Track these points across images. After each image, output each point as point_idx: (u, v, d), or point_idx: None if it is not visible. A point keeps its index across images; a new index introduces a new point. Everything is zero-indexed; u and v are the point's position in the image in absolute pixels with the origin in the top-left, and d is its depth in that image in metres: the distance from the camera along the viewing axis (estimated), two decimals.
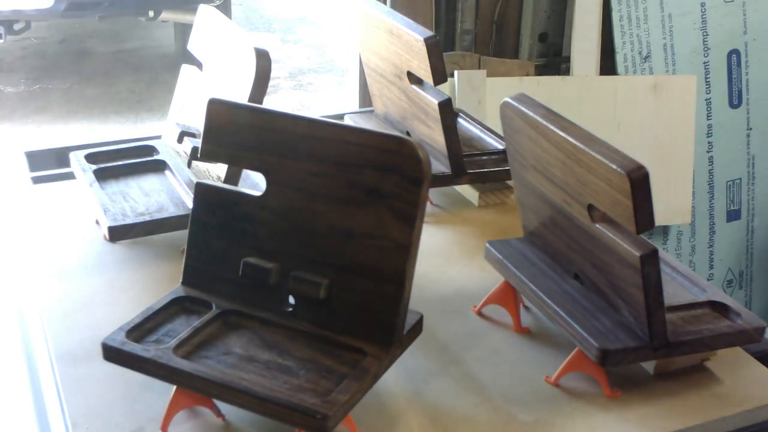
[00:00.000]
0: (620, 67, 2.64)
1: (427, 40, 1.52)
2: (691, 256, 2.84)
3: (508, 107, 1.23)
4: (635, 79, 2.63)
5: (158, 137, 1.68)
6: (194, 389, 1.03)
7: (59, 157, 1.78)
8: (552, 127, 1.15)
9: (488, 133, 1.78)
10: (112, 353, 1.06)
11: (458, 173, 1.60)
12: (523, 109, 1.20)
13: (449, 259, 1.49)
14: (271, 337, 1.11)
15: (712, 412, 1.14)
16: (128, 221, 1.41)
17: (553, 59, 2.79)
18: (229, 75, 1.42)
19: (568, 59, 2.71)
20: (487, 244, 1.33)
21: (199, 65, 1.58)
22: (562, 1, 2.72)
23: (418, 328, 1.12)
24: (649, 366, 1.20)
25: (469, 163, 1.62)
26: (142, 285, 1.37)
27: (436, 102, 1.57)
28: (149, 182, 1.56)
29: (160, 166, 1.60)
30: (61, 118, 4.81)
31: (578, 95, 2.56)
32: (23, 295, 1.39)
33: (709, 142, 2.79)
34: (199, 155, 1.17)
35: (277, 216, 1.12)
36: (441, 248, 1.52)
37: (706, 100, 2.75)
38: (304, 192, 1.10)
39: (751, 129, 2.84)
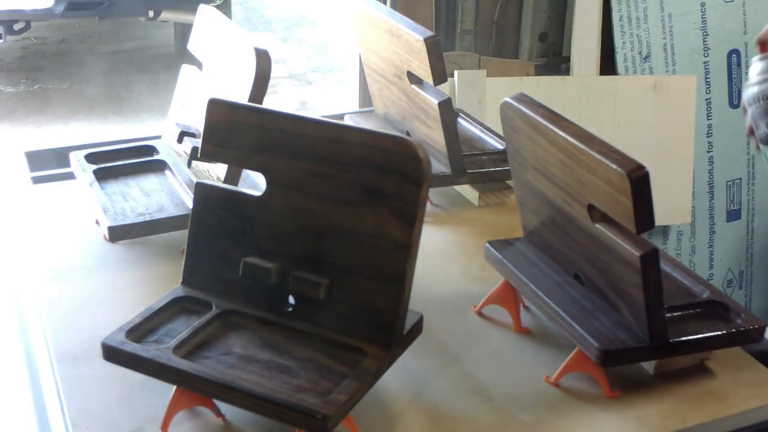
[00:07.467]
0: (620, 67, 2.64)
1: (427, 40, 1.52)
2: (691, 256, 2.84)
3: (508, 107, 1.23)
4: (635, 79, 2.63)
5: (158, 137, 1.68)
6: (194, 389, 1.03)
7: (59, 157, 1.78)
8: (552, 127, 1.15)
9: (488, 133, 1.78)
10: (111, 353, 1.06)
11: (458, 173, 1.60)
12: (523, 109, 1.20)
13: (449, 259, 1.49)
14: (271, 337, 1.11)
15: (712, 412, 1.14)
16: (128, 221, 1.41)
17: (553, 59, 2.78)
18: (229, 75, 1.42)
19: (568, 59, 2.71)
20: (487, 244, 1.33)
21: (199, 65, 1.58)
22: (562, 1, 2.72)
23: (418, 328, 1.12)
24: (649, 366, 1.20)
25: (469, 163, 1.62)
26: (142, 285, 1.37)
27: (436, 102, 1.57)
28: (149, 182, 1.56)
29: (160, 166, 1.60)
30: (61, 118, 4.81)
31: (578, 95, 2.56)
32: (23, 295, 1.39)
33: (709, 142, 2.79)
34: (199, 155, 1.17)
35: (277, 216, 1.12)
36: (441, 248, 1.52)
37: (706, 100, 2.75)
38: (304, 192, 1.10)
39: None
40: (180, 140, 1.49)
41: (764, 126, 1.22)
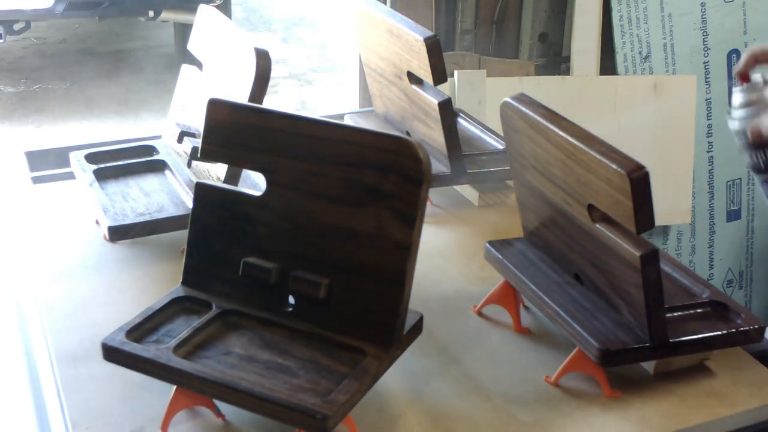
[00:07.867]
0: (620, 67, 2.64)
1: (427, 40, 1.52)
2: (691, 256, 2.84)
3: (508, 107, 1.23)
4: (635, 79, 2.62)
5: (158, 137, 1.68)
6: (194, 389, 1.03)
7: (59, 157, 1.78)
8: (552, 127, 1.15)
9: (488, 133, 1.78)
10: (112, 353, 1.06)
11: (458, 173, 1.60)
12: (523, 109, 1.20)
13: (449, 259, 1.49)
14: (271, 337, 1.11)
15: (712, 412, 1.14)
16: (128, 221, 1.41)
17: (553, 59, 2.78)
18: (229, 75, 1.42)
19: (568, 59, 2.71)
20: (487, 244, 1.33)
21: (199, 65, 1.58)
22: (562, 1, 2.72)
23: (418, 328, 1.12)
24: (649, 366, 1.20)
25: (469, 163, 1.62)
26: (142, 285, 1.37)
27: (436, 102, 1.57)
28: (149, 182, 1.56)
29: (160, 166, 1.60)
30: (61, 118, 4.81)
31: (578, 95, 2.55)
32: (23, 295, 1.39)
33: (709, 142, 2.78)
34: (199, 155, 1.17)
35: (277, 216, 1.12)
36: (441, 248, 1.52)
37: (706, 100, 2.75)
38: (304, 192, 1.10)
39: None
40: (180, 140, 1.49)
41: (748, 157, 1.27)
